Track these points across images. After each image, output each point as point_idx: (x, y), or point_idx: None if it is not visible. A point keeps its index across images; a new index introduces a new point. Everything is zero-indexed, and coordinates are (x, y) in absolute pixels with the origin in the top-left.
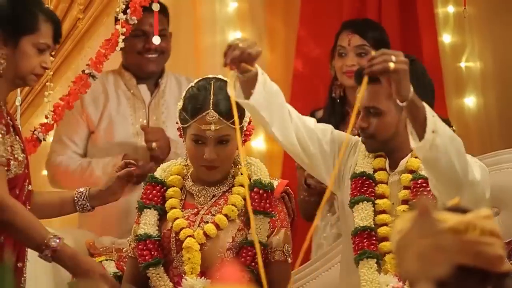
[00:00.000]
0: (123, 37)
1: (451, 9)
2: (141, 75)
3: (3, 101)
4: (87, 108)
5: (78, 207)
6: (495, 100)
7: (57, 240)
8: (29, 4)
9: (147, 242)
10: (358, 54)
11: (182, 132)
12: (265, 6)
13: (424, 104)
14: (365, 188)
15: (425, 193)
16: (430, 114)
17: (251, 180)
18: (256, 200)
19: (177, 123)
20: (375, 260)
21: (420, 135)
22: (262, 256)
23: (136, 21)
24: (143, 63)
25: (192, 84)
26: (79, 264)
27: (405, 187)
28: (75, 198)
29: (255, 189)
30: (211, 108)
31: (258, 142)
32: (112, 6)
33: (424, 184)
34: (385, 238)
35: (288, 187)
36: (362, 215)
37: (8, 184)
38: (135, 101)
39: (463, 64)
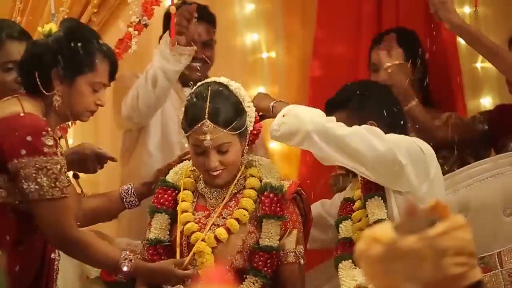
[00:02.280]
0: (136, 39)
1: (467, 9)
2: (185, 81)
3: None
4: None
5: (127, 204)
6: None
7: (129, 264)
8: (87, 43)
9: (157, 247)
10: None
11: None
12: (283, 8)
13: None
14: (345, 209)
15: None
16: (292, 107)
17: (262, 183)
18: (267, 204)
19: None
20: (350, 260)
21: None
22: (274, 259)
23: (147, 21)
24: (187, 70)
25: (192, 90)
26: (155, 276)
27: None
28: (122, 196)
29: (265, 193)
30: (206, 117)
31: (275, 142)
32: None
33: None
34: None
35: (300, 188)
36: (342, 231)
37: None
38: (181, 104)
39: (479, 65)
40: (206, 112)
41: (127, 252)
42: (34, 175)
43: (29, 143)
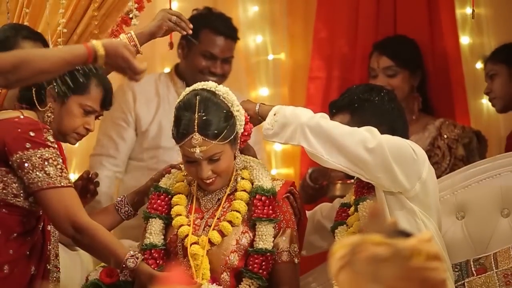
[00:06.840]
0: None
1: (469, 10)
2: (189, 82)
3: None
4: (139, 109)
5: (122, 215)
6: None
7: (135, 261)
8: (86, 67)
9: (152, 251)
10: (388, 75)
11: None
12: (286, 10)
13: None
14: (341, 214)
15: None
16: (281, 106)
17: (253, 186)
18: (259, 207)
19: None
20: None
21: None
22: (269, 261)
23: (137, 13)
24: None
25: (181, 97)
26: (155, 282)
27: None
28: (117, 208)
29: (257, 196)
30: (195, 131)
31: (277, 144)
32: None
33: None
34: None
35: (292, 187)
36: (338, 236)
37: None
38: None
39: (479, 65)
40: (195, 124)
41: (136, 251)
42: (41, 165)
43: (32, 138)
